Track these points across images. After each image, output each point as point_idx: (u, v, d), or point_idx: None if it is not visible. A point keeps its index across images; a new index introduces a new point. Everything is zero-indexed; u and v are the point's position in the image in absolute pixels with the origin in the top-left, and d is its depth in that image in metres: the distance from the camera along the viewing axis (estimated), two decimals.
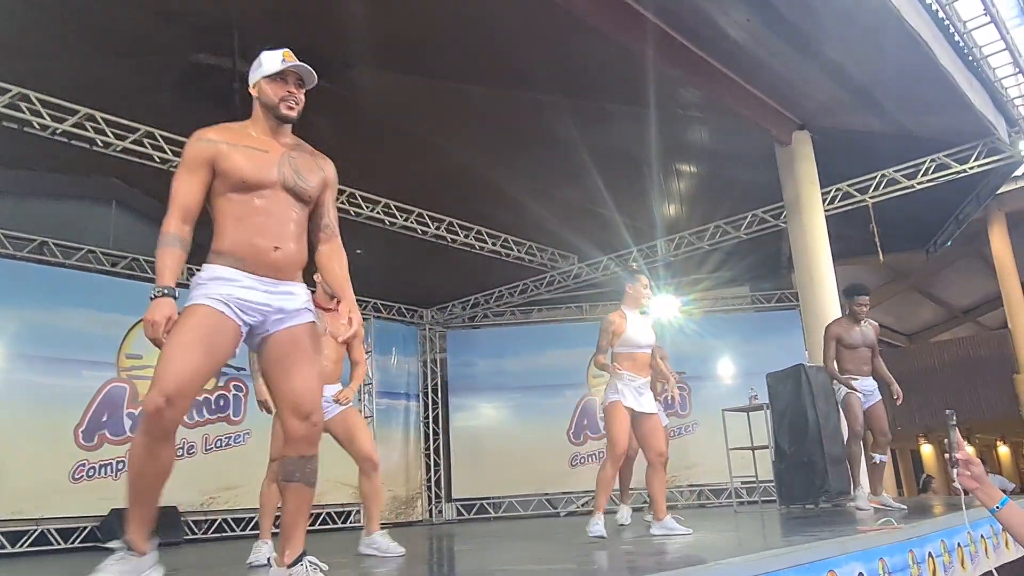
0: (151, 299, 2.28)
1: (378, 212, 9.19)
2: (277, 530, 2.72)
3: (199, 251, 2.45)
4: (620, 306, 4.87)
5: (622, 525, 5.67)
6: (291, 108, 2.54)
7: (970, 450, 2.12)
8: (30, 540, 7.83)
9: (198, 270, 2.42)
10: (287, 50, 2.59)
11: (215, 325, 2.31)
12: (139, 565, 2.31)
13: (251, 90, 2.59)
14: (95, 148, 7.22)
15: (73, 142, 7.12)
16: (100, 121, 7.16)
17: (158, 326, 2.24)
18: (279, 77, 2.54)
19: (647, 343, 4.77)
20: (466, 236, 10.14)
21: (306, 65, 2.56)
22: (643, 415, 4.61)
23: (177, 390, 2.20)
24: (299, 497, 2.46)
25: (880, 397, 6.00)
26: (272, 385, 2.46)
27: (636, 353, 4.71)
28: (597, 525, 4.49)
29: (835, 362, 5.86)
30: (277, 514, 3.18)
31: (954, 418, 2.26)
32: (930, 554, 3.61)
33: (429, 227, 9.71)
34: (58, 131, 6.98)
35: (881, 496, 5.93)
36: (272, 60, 2.56)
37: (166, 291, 2.28)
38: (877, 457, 5.95)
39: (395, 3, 6.56)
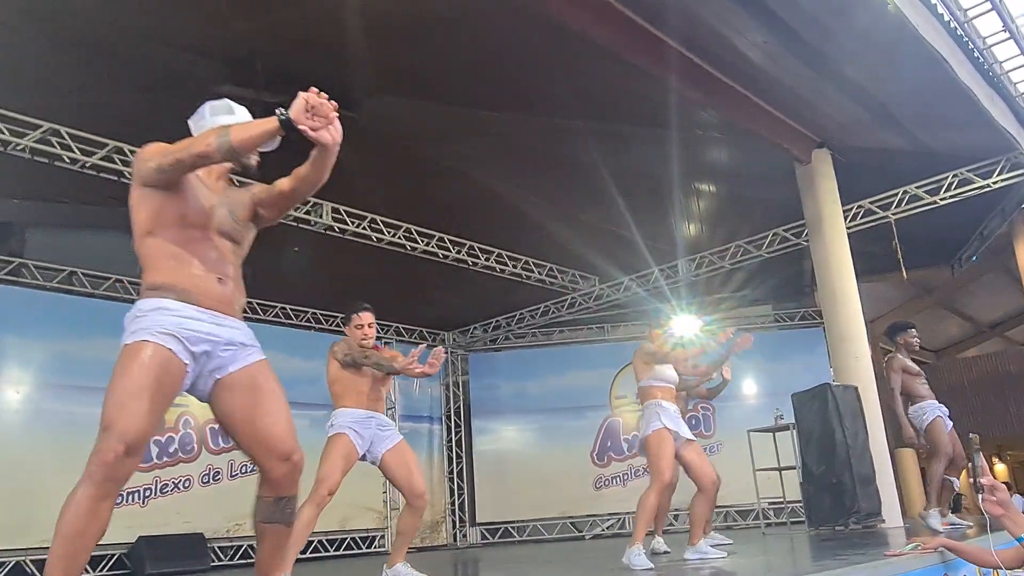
0: (283, 117, 2.09)
1: (399, 237, 9.27)
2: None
3: None
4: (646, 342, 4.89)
5: (665, 553, 5.59)
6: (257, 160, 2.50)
7: (1001, 468, 2.11)
8: None
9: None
10: (229, 100, 2.56)
11: (163, 364, 2.15)
12: None
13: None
14: (123, 180, 7.37)
15: (102, 175, 7.27)
16: (128, 154, 7.30)
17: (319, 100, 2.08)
18: None
19: (675, 379, 4.83)
20: (487, 259, 10.19)
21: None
22: (688, 441, 4.62)
23: (136, 438, 2.04)
24: (278, 538, 2.34)
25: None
26: (238, 431, 2.31)
27: (668, 387, 4.75)
28: (640, 557, 4.19)
29: (907, 391, 6.06)
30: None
31: (978, 443, 2.24)
32: None
33: (450, 251, 9.77)
34: (87, 164, 7.13)
35: (949, 516, 5.97)
36: (223, 112, 2.51)
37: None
38: (955, 483, 6.01)
39: (415, 32, 6.66)
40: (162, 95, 7.33)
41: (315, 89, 2.11)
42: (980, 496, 2.07)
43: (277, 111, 2.11)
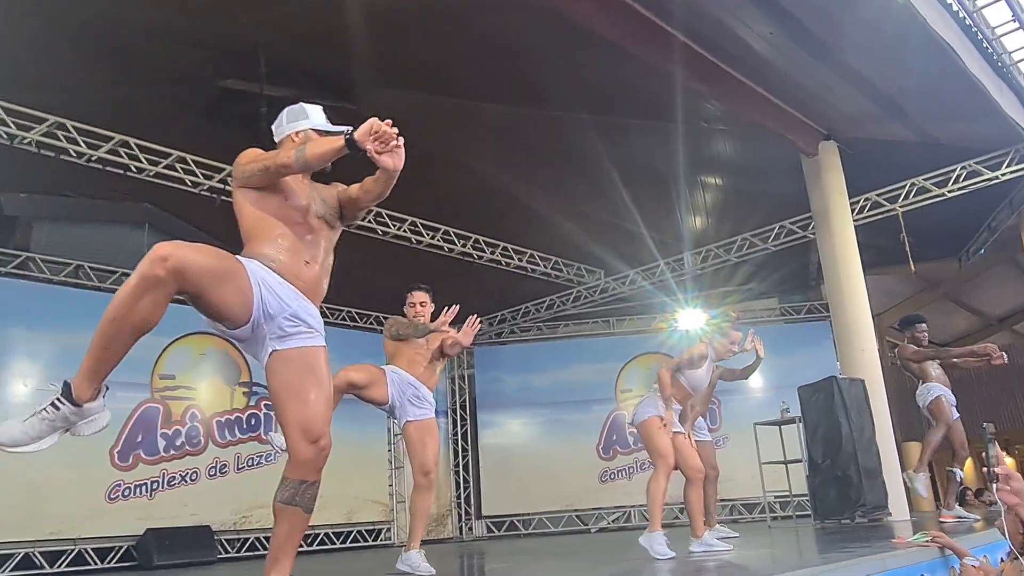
0: (348, 137, 2.34)
1: (404, 230, 9.27)
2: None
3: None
4: (707, 343, 4.82)
5: (734, 537, 5.64)
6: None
7: (1009, 461, 2.10)
8: (68, 560, 7.94)
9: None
10: (304, 104, 2.75)
11: (238, 273, 2.30)
12: (70, 415, 2.24)
13: (294, 136, 2.68)
14: (129, 173, 7.38)
15: (108, 168, 7.28)
16: (133, 147, 7.31)
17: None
18: (328, 133, 2.63)
19: (700, 389, 4.81)
20: (492, 253, 10.18)
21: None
22: (675, 434, 4.61)
23: (180, 258, 2.11)
24: (294, 521, 2.37)
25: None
26: (279, 406, 2.40)
27: (687, 391, 4.73)
28: (662, 545, 4.20)
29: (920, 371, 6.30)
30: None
31: (992, 432, 2.23)
32: None
33: (455, 244, 9.76)
34: (93, 158, 7.14)
35: (954, 510, 5.97)
36: (320, 115, 2.70)
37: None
38: (958, 473, 6.01)
39: (417, 24, 6.64)
40: (166, 88, 7.36)
41: (389, 121, 2.36)
42: (995, 485, 2.06)
43: (345, 130, 2.37)
